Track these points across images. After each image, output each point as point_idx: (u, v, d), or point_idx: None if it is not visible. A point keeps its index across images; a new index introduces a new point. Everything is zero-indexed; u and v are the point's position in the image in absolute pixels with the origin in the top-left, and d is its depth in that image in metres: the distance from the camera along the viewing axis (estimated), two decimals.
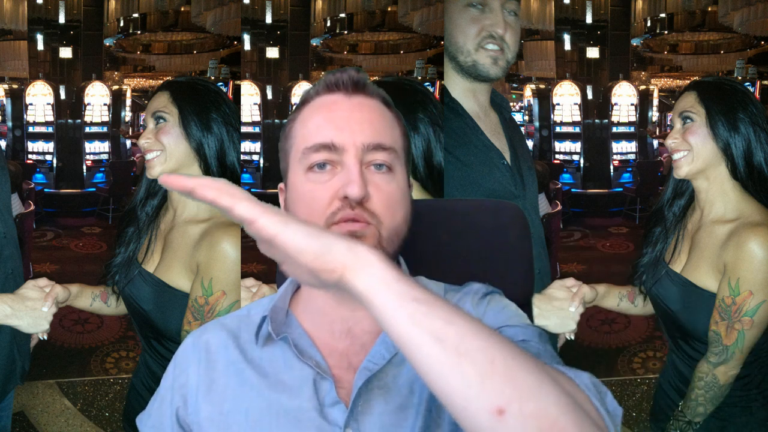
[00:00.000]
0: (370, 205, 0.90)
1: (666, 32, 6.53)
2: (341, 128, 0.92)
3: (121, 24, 6.46)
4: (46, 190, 5.97)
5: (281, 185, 1.00)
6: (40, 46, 6.23)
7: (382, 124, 0.95)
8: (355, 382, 0.91)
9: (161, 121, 1.61)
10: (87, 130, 6.24)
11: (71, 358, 3.61)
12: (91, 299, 1.70)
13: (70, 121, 6.22)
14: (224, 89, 5.75)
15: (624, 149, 6.35)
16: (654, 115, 6.52)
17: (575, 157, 6.34)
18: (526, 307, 1.14)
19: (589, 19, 6.37)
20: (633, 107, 6.36)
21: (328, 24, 6.69)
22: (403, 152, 0.97)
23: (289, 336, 0.95)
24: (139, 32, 6.44)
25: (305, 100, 0.97)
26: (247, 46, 6.40)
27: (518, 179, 1.70)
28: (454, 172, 1.58)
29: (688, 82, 1.70)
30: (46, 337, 1.61)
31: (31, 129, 6.15)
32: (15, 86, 6.20)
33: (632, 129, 6.37)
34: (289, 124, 0.98)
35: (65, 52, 6.29)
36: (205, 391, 0.95)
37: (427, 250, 1.08)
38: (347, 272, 0.67)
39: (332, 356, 0.94)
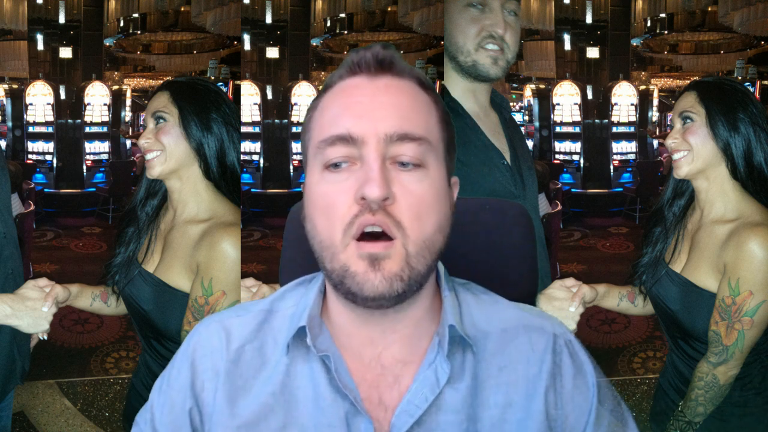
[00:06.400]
0: (395, 210, 0.76)
1: (666, 32, 6.54)
2: (360, 116, 0.78)
3: (121, 24, 6.47)
4: (46, 190, 5.98)
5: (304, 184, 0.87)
6: (40, 46, 6.24)
7: (412, 109, 0.80)
8: (393, 428, 0.80)
9: (161, 121, 1.61)
10: (87, 130, 6.25)
11: (71, 358, 3.62)
12: (91, 299, 1.70)
13: (70, 121, 6.23)
14: (224, 89, 5.75)
15: (624, 149, 6.36)
16: (654, 115, 6.53)
17: (575, 157, 6.35)
18: None
19: (589, 19, 6.38)
20: (633, 107, 6.37)
21: (328, 24, 6.69)
22: (442, 143, 0.83)
23: (331, 358, 0.82)
24: (139, 32, 6.45)
25: (327, 85, 0.84)
26: (247, 46, 6.40)
27: (518, 179, 1.70)
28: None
29: (688, 82, 1.70)
30: (46, 337, 1.61)
31: (31, 129, 6.16)
32: (15, 86, 6.21)
33: (632, 129, 6.38)
34: (309, 113, 0.85)
35: (65, 52, 6.30)
36: (223, 407, 0.85)
37: None
38: None
39: (362, 387, 0.82)
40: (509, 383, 0.84)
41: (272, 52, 6.57)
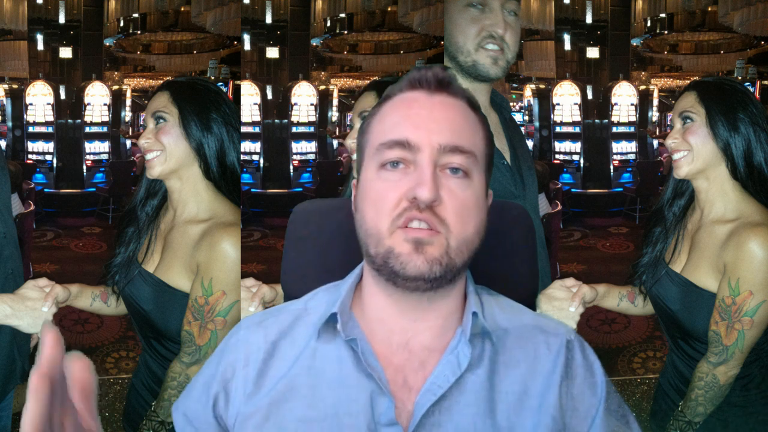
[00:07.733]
0: (441, 210, 0.86)
1: (666, 32, 6.54)
2: (418, 126, 0.88)
3: (121, 24, 6.47)
4: (46, 190, 5.98)
5: (354, 181, 0.96)
6: (40, 46, 6.24)
7: (462, 125, 0.90)
8: (417, 405, 0.87)
9: (161, 121, 1.61)
10: (87, 130, 6.25)
11: None
12: (91, 299, 1.70)
13: (70, 121, 6.23)
14: (224, 89, 5.75)
15: (624, 149, 6.36)
16: (654, 115, 6.53)
17: (575, 157, 6.35)
18: (530, 308, 1.14)
19: (589, 19, 6.38)
20: (633, 107, 6.37)
21: (328, 24, 6.69)
22: (484, 158, 0.93)
23: (358, 341, 0.90)
24: (139, 32, 6.44)
25: (387, 96, 0.94)
26: (247, 46, 6.40)
27: (518, 179, 1.70)
28: None
29: (688, 82, 1.70)
30: None
31: (31, 129, 6.16)
32: (15, 86, 6.21)
33: (632, 129, 6.38)
34: (368, 119, 0.95)
35: (65, 52, 6.30)
36: (252, 392, 0.92)
37: None
38: None
39: (388, 370, 0.90)
40: (526, 374, 0.92)
41: (272, 52, 6.57)
